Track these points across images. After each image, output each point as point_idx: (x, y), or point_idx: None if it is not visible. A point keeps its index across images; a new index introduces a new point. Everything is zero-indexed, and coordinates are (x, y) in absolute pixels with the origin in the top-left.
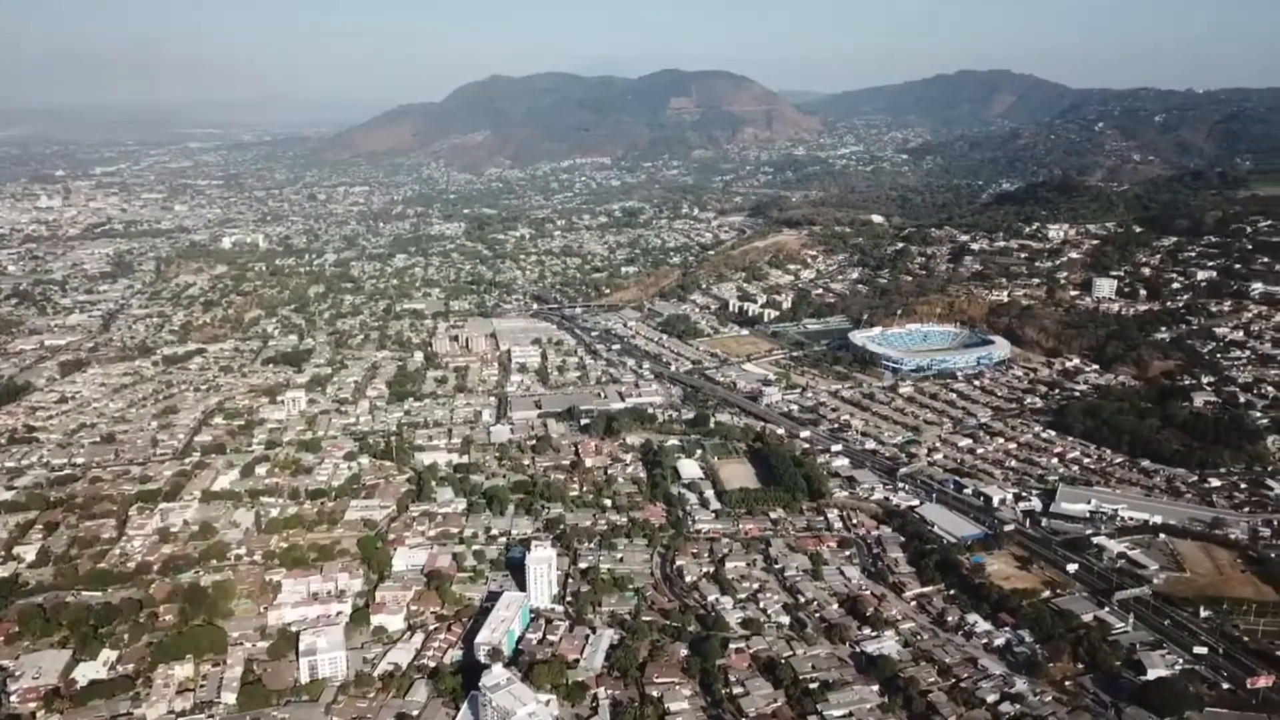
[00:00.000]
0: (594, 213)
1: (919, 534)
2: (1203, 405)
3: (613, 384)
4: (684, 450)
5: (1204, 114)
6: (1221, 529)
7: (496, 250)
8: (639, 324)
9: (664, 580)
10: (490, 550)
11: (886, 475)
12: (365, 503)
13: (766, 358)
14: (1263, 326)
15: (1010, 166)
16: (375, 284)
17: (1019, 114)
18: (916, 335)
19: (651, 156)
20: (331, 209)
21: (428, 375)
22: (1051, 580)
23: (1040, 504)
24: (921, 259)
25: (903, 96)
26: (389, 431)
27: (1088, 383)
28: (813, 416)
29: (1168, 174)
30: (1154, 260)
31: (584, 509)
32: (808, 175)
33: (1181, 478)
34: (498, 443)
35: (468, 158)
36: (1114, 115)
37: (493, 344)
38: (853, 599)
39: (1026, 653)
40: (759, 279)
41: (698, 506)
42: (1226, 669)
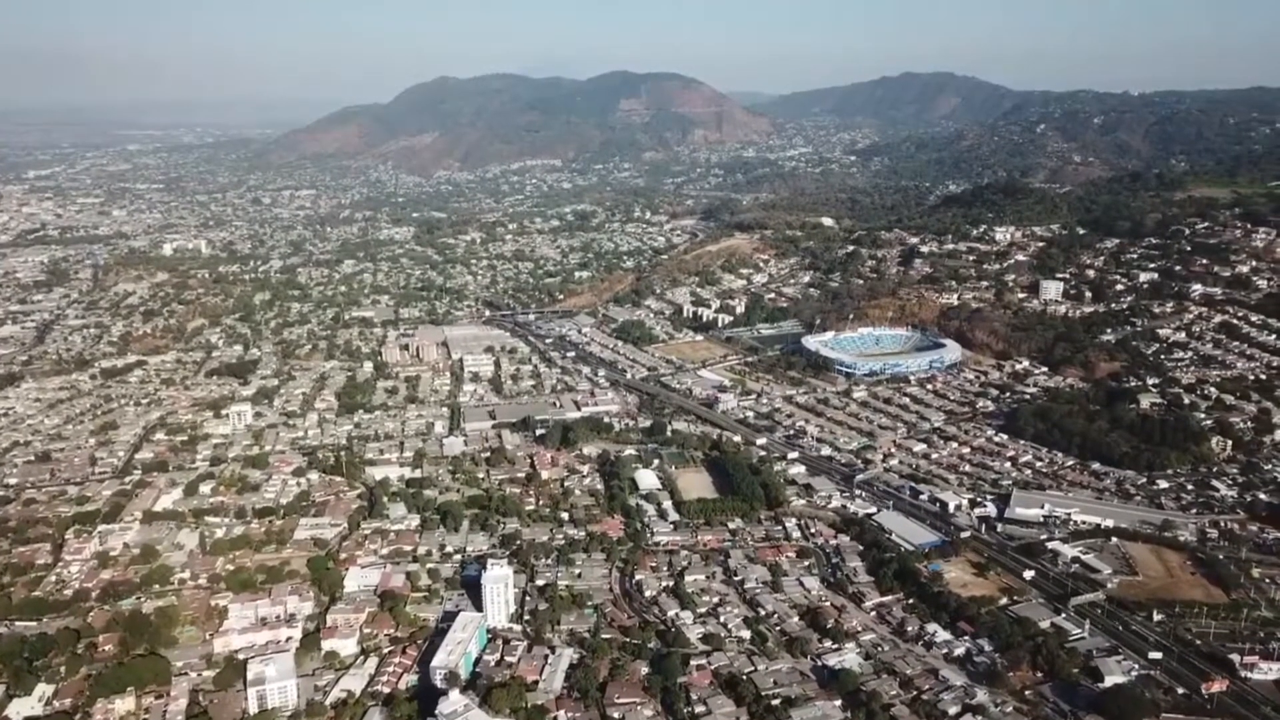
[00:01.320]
0: (545, 216)
1: (877, 542)
2: (1149, 407)
3: (568, 392)
4: (641, 460)
5: (1140, 116)
6: (1171, 531)
7: (447, 255)
8: (593, 330)
9: (623, 595)
10: (445, 568)
11: (843, 482)
12: (315, 521)
13: (721, 363)
14: (1203, 328)
15: (956, 167)
16: (323, 291)
17: (963, 115)
18: (869, 339)
19: (602, 158)
20: (277, 213)
21: (378, 386)
22: (1009, 587)
23: (995, 509)
24: (872, 262)
25: (850, 98)
26: (339, 445)
27: (1037, 385)
28: (768, 423)
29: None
30: (1098, 262)
31: (541, 523)
32: (758, 177)
33: (1131, 480)
34: (451, 455)
35: (416, 160)
36: (1054, 117)
37: (444, 353)
38: (813, 610)
39: (986, 662)
40: (712, 283)
41: (656, 518)
42: (1181, 674)
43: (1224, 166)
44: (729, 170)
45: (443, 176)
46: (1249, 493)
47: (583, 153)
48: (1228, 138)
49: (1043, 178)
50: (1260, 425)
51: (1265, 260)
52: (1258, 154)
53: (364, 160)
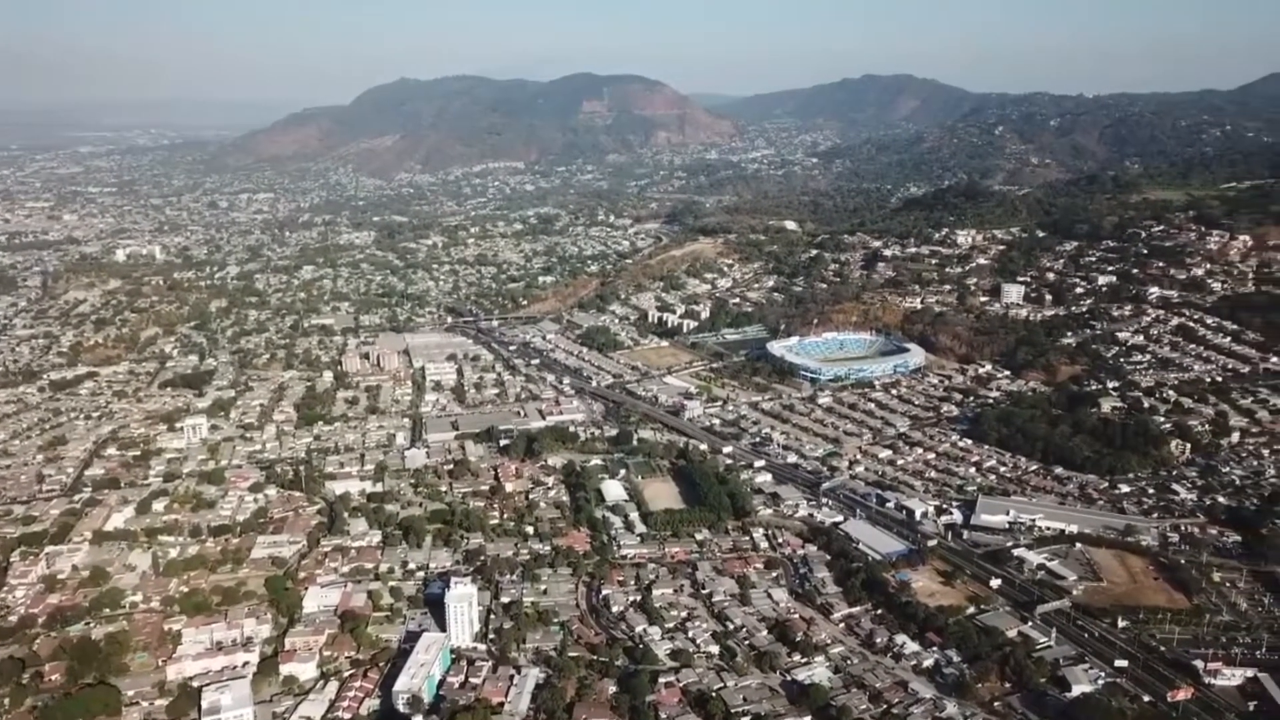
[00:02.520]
0: (508, 219)
1: (844, 552)
2: (1110, 411)
3: (532, 401)
4: (607, 470)
5: (1095, 118)
6: (1133, 536)
7: (408, 260)
8: (558, 336)
9: (590, 612)
10: (407, 586)
11: (810, 490)
12: (273, 538)
13: (687, 369)
14: (1160, 330)
15: (916, 169)
16: (281, 298)
17: (922, 117)
18: (833, 343)
19: (565, 161)
20: (234, 217)
21: (338, 396)
22: (975, 595)
23: (961, 516)
24: (835, 266)
25: (812, 100)
26: (298, 459)
27: (1000, 389)
28: (734, 430)
29: (1065, 177)
30: (1057, 265)
31: (505, 538)
32: (721, 179)
33: (1093, 484)
34: (413, 468)
35: (377, 162)
36: (1012, 119)
37: (406, 361)
38: (782, 624)
39: (955, 674)
40: (677, 288)
41: (623, 530)
42: (1147, 681)
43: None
44: (692, 172)
45: (404, 179)
46: (1208, 496)
47: (545, 155)
48: (1179, 140)
49: (1001, 179)
50: (1217, 428)
51: (1219, 263)
52: (1209, 156)
53: (323, 163)
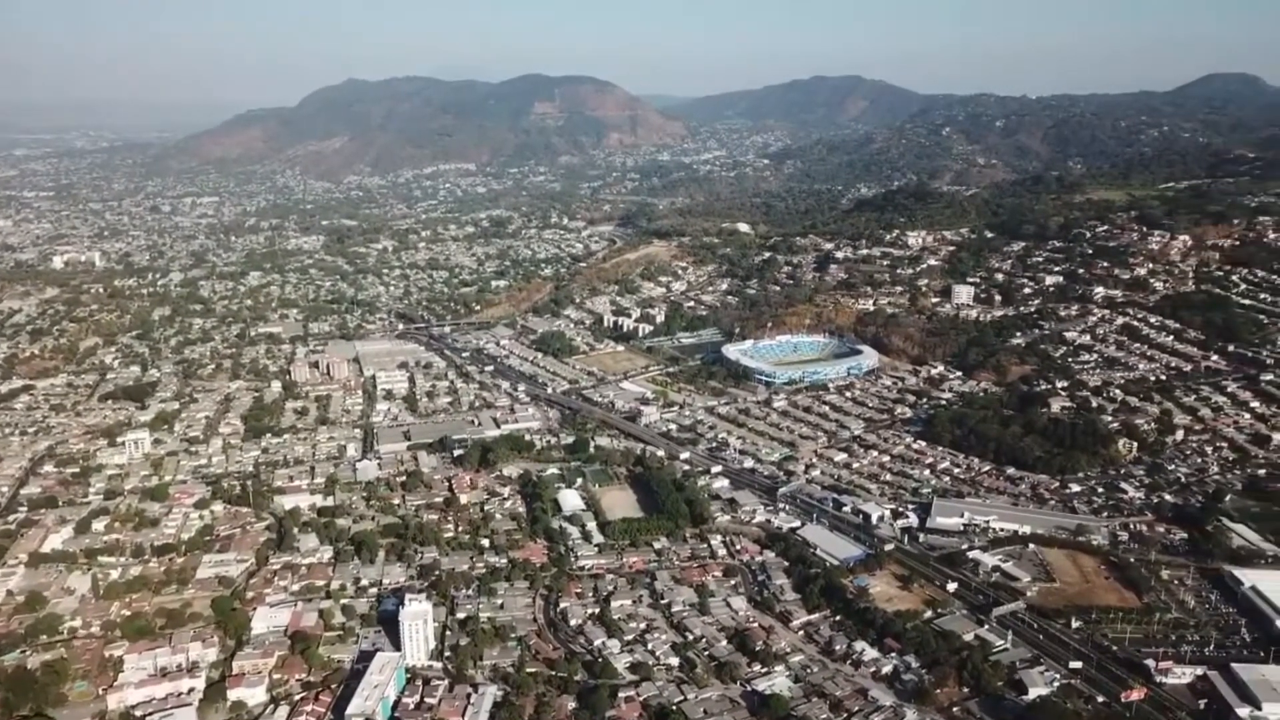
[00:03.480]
0: (460, 222)
1: (802, 557)
2: (1059, 411)
3: (487, 409)
4: (564, 480)
5: (1038, 119)
6: (1084, 535)
7: (358, 265)
8: (512, 342)
9: (548, 625)
10: (360, 604)
11: (767, 495)
12: (220, 557)
13: (643, 374)
14: (1106, 330)
15: (867, 170)
16: (227, 305)
17: (871, 118)
18: (787, 346)
19: (517, 162)
20: (177, 222)
21: (287, 407)
22: (932, 599)
23: (917, 519)
24: (788, 268)
25: (762, 101)
26: (245, 473)
27: (952, 390)
28: (691, 435)
29: (1011, 178)
30: (1005, 265)
31: (460, 551)
32: (673, 181)
33: (1044, 484)
34: (365, 481)
35: (325, 165)
36: (959, 120)
37: (356, 369)
38: (741, 633)
39: (914, 680)
40: (632, 292)
41: (580, 541)
42: (1101, 682)
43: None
44: (645, 174)
45: (353, 182)
46: (1155, 494)
47: (497, 156)
48: (1119, 140)
49: (949, 179)
50: (1162, 426)
51: (1160, 262)
52: (1148, 156)
53: (270, 165)
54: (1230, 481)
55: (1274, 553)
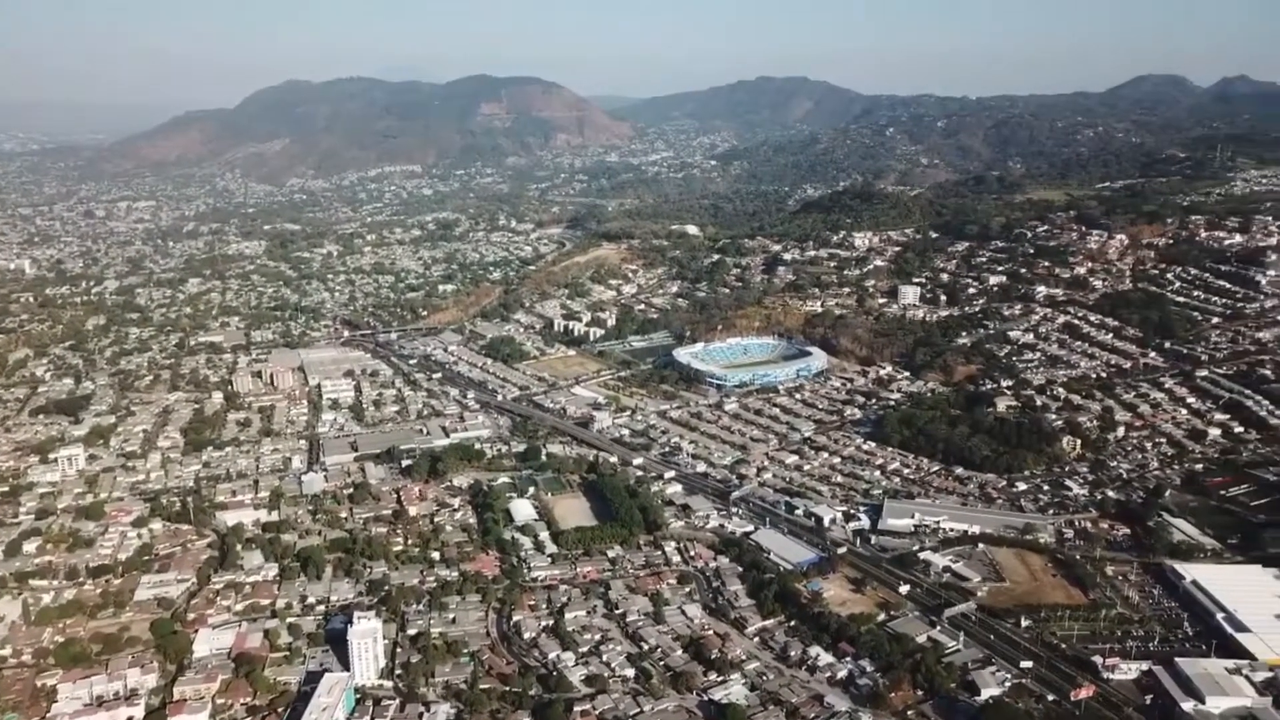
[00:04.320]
0: (406, 225)
1: (756, 563)
2: (1005, 410)
3: (435, 418)
4: (516, 489)
5: (979, 119)
6: (1032, 534)
7: (302, 270)
8: (461, 348)
9: (501, 639)
10: (307, 622)
11: (720, 499)
12: (159, 577)
13: (595, 379)
14: (1049, 329)
15: (812, 171)
16: (165, 314)
17: (816, 119)
18: (737, 349)
19: (464, 164)
20: (112, 227)
21: (229, 419)
22: (885, 601)
23: (868, 521)
24: (737, 270)
25: (709, 102)
26: (185, 489)
27: (901, 390)
28: (644, 440)
29: (953, 178)
30: (950, 265)
31: (410, 565)
32: (622, 183)
33: (992, 483)
34: (310, 494)
35: (267, 168)
36: (902, 121)
37: (301, 379)
38: (696, 641)
39: (869, 684)
40: (582, 295)
41: (533, 551)
42: (1051, 680)
43: (1056, 169)
44: (593, 175)
45: (296, 184)
46: (1098, 490)
47: (443, 158)
48: (1057, 140)
49: (893, 180)
50: (1104, 423)
51: (1099, 261)
52: (1084, 157)
53: (209, 168)
54: (1169, 477)
55: (1212, 546)
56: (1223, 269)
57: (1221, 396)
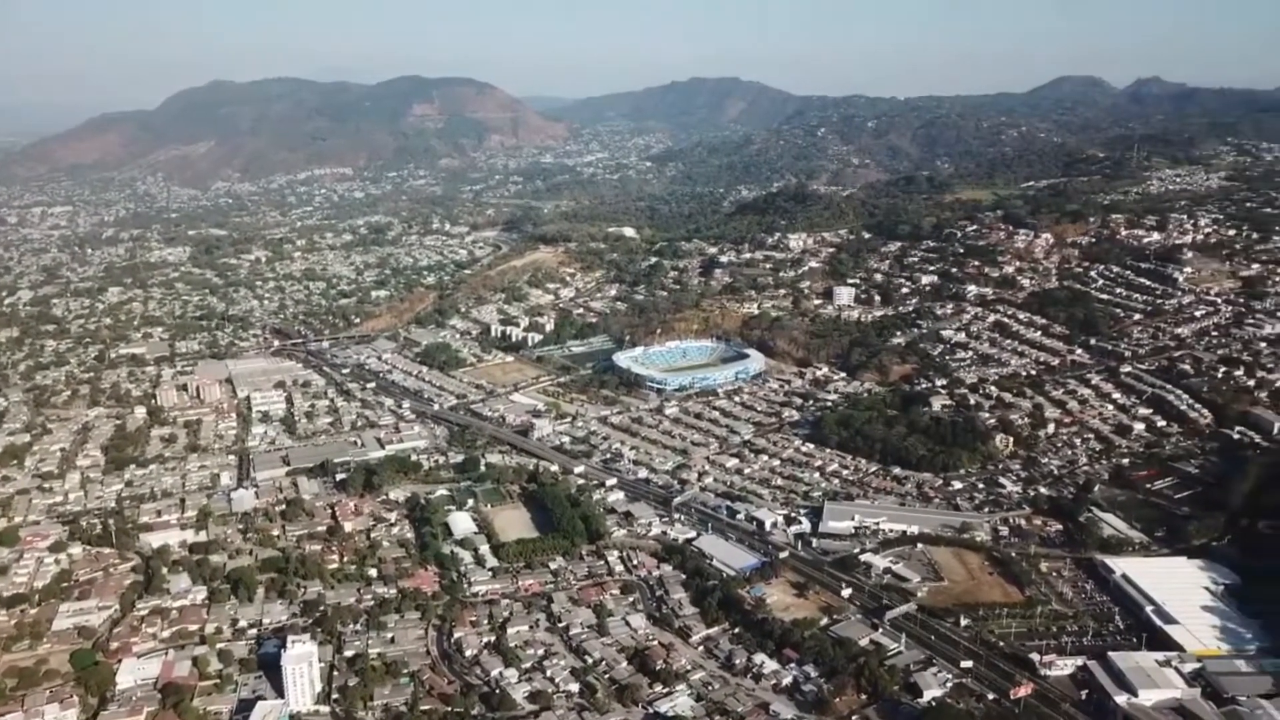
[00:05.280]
0: (337, 230)
1: (699, 570)
2: (940, 409)
3: (370, 429)
4: (454, 501)
5: (907, 120)
6: (968, 532)
7: (229, 277)
8: (395, 356)
9: (442, 658)
10: (238, 647)
11: (662, 506)
12: (79, 605)
13: (534, 385)
14: (980, 328)
15: (746, 172)
16: (84, 325)
17: (750, 119)
18: (676, 352)
19: (396, 166)
20: (25, 234)
21: (152, 435)
22: (828, 605)
23: (809, 524)
24: (674, 273)
25: (643, 102)
26: (107, 510)
27: (837, 391)
28: (585, 448)
29: (884, 178)
30: (883, 266)
31: (346, 583)
32: (557, 184)
33: (929, 483)
34: (241, 512)
35: (191, 171)
36: (833, 121)
37: (229, 391)
38: (641, 653)
39: (814, 690)
40: (519, 300)
41: (473, 566)
42: (991, 679)
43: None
44: (528, 177)
45: (222, 188)
46: (1031, 487)
47: (375, 160)
48: (983, 140)
49: (826, 180)
50: (1035, 420)
51: (1026, 260)
52: (1009, 156)
53: (130, 171)
54: (1098, 472)
55: (1140, 540)
56: (1142, 266)
57: (1144, 392)
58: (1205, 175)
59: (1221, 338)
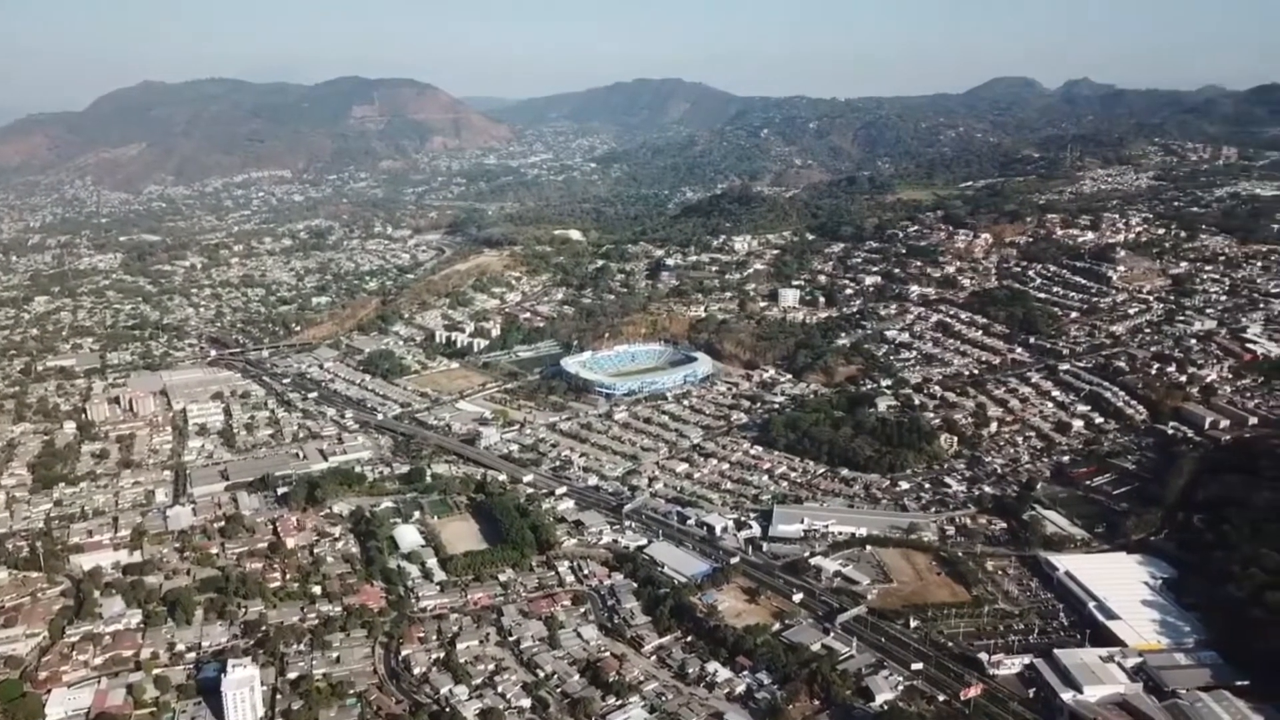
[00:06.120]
0: (276, 234)
1: (651, 578)
2: (886, 410)
3: (312, 440)
4: (400, 513)
5: (848, 120)
6: (916, 533)
7: (163, 285)
8: (337, 364)
9: (389, 677)
10: (176, 673)
11: (613, 513)
12: (5, 633)
13: (481, 392)
14: (923, 328)
15: (690, 173)
16: (8, 336)
17: (693, 120)
18: (625, 356)
19: (336, 168)
20: None
21: (83, 451)
22: (780, 610)
23: (759, 528)
24: (621, 276)
25: (587, 103)
26: (34, 531)
27: (784, 393)
28: (534, 455)
29: (826, 178)
30: (827, 267)
31: (289, 602)
32: (501, 186)
33: (876, 484)
34: (177, 530)
35: (122, 174)
36: (775, 122)
37: (164, 403)
38: (594, 665)
39: (767, 697)
40: (464, 305)
41: (421, 580)
42: (941, 680)
43: (922, 169)
44: (471, 179)
45: (155, 192)
46: (976, 486)
47: (314, 162)
48: (921, 141)
49: (769, 181)
50: (978, 419)
51: (966, 260)
52: (948, 157)
53: (56, 175)
54: (1040, 470)
55: (1082, 536)
56: (1078, 265)
57: (1082, 389)
58: (1135, 175)
59: (1154, 335)
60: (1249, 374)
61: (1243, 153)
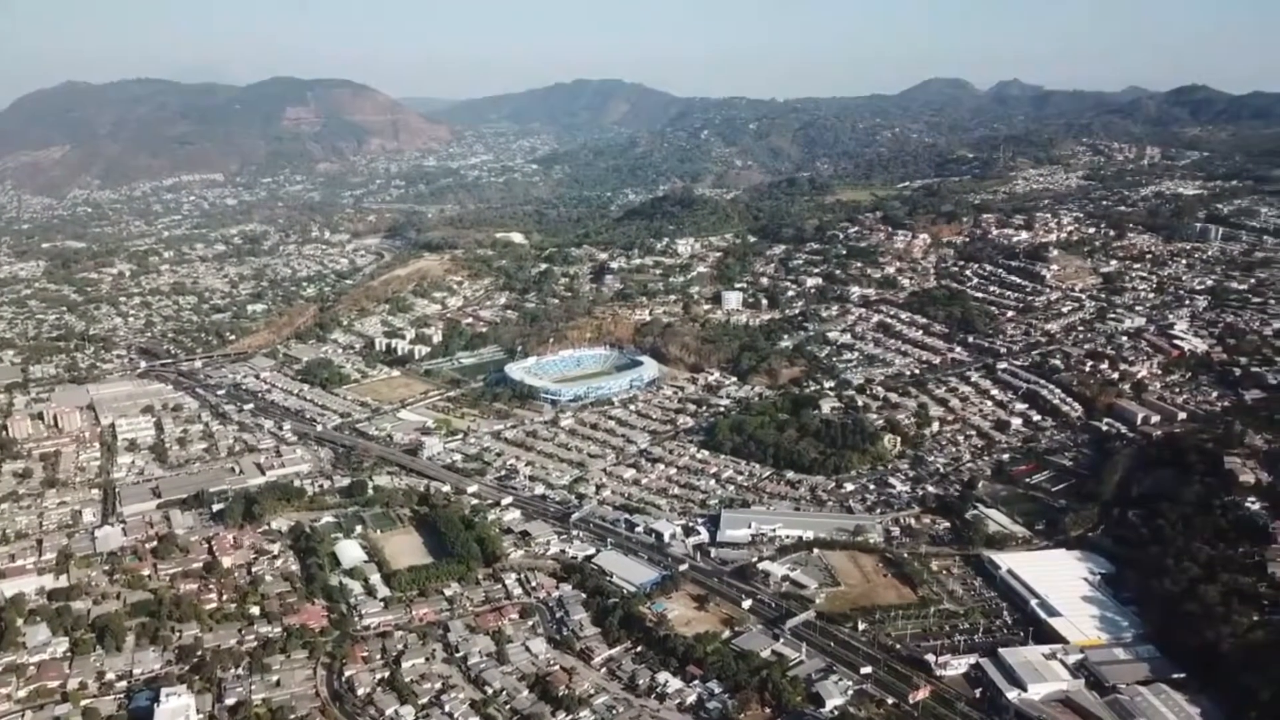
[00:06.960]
0: (208, 240)
1: (600, 588)
2: (830, 411)
3: (249, 454)
4: (341, 528)
5: (787, 121)
6: (862, 535)
7: (89, 294)
8: (274, 374)
9: (333, 699)
10: (106, 703)
11: (560, 523)
12: None
13: (423, 401)
14: (864, 328)
15: (632, 174)
16: None
17: (633, 121)
18: (570, 361)
19: (271, 171)
20: None
21: (4, 470)
22: (729, 617)
23: (707, 534)
24: (565, 280)
25: (527, 104)
26: None
27: (729, 396)
28: (478, 465)
29: (767, 179)
30: (769, 270)
31: (226, 624)
32: (441, 188)
33: (822, 486)
34: (106, 551)
35: (44, 178)
36: (715, 123)
37: (91, 418)
38: (543, 679)
39: (719, 706)
40: (405, 311)
41: (364, 597)
42: (890, 683)
43: (860, 169)
44: (410, 181)
45: (79, 196)
46: (919, 486)
47: (248, 165)
48: (859, 141)
49: (710, 182)
50: (920, 419)
51: (905, 260)
52: (885, 157)
53: None
54: (981, 468)
55: (1023, 534)
56: (1013, 265)
57: (1020, 387)
58: (1065, 174)
59: (1087, 332)
60: (1177, 370)
61: (1165, 152)
